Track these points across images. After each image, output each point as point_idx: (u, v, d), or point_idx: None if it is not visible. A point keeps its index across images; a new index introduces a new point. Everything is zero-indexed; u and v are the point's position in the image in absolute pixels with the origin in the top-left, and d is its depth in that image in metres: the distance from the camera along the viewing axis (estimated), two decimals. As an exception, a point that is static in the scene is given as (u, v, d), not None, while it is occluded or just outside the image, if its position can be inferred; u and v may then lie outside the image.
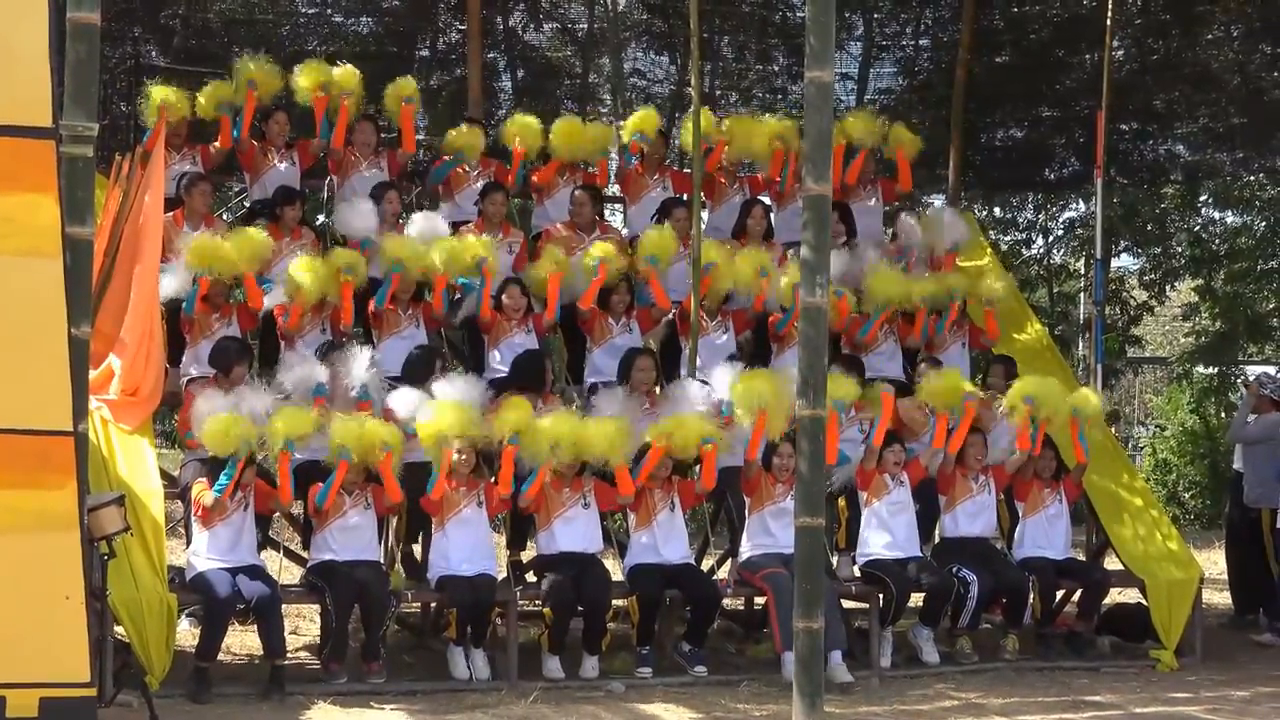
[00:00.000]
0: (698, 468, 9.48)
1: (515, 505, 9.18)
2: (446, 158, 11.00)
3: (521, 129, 11.04)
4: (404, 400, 9.06)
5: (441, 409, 8.86)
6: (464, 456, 8.89)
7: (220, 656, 8.75)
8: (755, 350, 10.68)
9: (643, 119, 11.31)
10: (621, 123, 11.44)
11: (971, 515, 9.98)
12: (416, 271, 9.88)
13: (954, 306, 10.77)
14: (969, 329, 11.04)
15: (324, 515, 8.83)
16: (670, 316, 10.55)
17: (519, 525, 9.65)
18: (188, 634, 9.27)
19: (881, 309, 10.55)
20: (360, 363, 9.17)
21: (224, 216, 10.87)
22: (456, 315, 10.26)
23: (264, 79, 10.67)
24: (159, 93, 10.46)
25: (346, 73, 10.83)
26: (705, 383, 9.66)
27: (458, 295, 10.12)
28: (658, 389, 10.01)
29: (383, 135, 11.08)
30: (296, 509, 9.55)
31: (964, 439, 9.82)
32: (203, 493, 8.57)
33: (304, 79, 10.74)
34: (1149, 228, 19.09)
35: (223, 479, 8.46)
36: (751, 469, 9.43)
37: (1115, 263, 19.35)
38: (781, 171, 11.28)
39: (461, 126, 11.15)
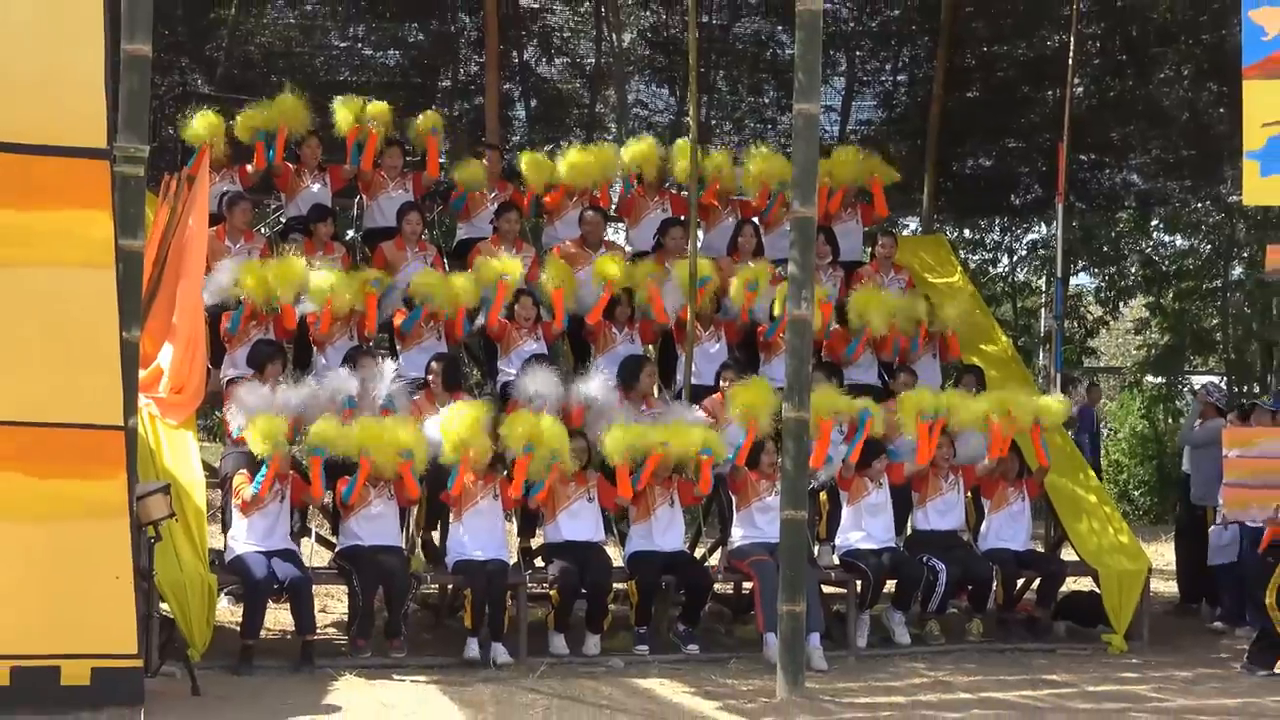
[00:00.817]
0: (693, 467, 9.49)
1: (526, 501, 9.19)
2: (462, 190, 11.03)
3: (533, 166, 11.04)
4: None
5: (458, 417, 8.86)
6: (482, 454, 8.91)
7: (255, 632, 8.79)
8: (745, 358, 10.69)
9: (641, 151, 11.32)
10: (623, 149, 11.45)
11: (941, 511, 9.98)
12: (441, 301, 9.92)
13: (922, 329, 10.79)
14: (939, 343, 11.06)
15: (350, 505, 8.84)
16: (668, 327, 10.57)
17: (529, 515, 9.65)
18: (226, 611, 9.29)
19: (862, 331, 10.52)
20: (387, 376, 9.21)
21: (262, 231, 10.85)
22: (472, 324, 10.28)
23: (294, 112, 10.68)
24: (201, 121, 10.45)
25: (378, 107, 10.85)
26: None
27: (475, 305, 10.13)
28: (655, 392, 10.05)
29: (408, 159, 11.09)
30: (327, 498, 9.54)
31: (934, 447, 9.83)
32: (243, 486, 8.62)
33: (340, 111, 10.77)
34: (1104, 249, 19.06)
35: (259, 477, 8.53)
36: (739, 473, 9.44)
37: (1074, 281, 19.32)
38: (768, 199, 11.32)
39: (469, 160, 11.14)
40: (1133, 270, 19.44)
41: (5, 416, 7.00)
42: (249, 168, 10.63)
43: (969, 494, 10.20)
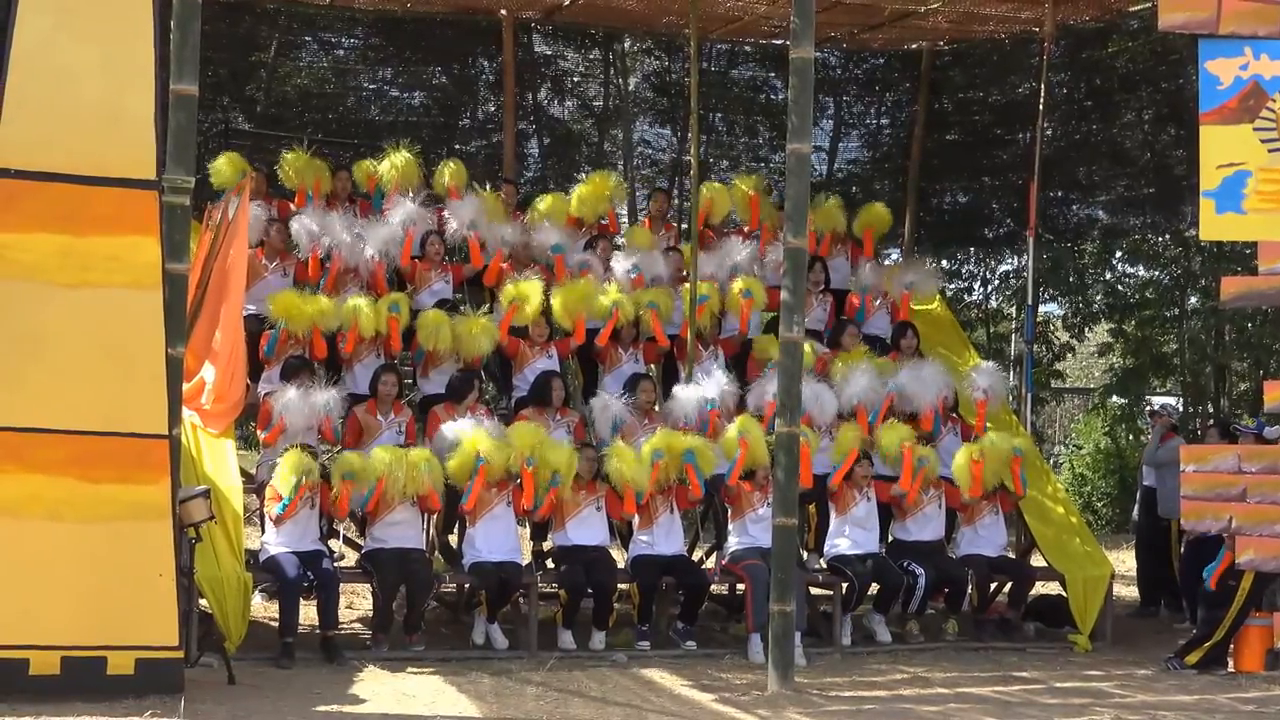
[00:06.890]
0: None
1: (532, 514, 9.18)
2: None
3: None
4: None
5: (472, 435, 8.87)
6: (496, 465, 8.91)
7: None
8: (740, 377, 10.69)
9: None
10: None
11: (922, 524, 9.97)
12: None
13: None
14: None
15: (375, 512, 8.84)
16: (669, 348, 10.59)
17: (540, 521, 9.64)
18: (260, 607, 9.28)
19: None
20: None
21: (296, 253, 10.83)
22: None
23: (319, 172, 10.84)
24: (228, 165, 10.52)
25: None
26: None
27: None
28: (656, 408, 10.05)
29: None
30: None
31: (919, 489, 9.79)
32: (273, 504, 8.63)
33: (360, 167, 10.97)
34: (1071, 279, 19.03)
35: (285, 501, 8.52)
36: (733, 490, 9.44)
37: (1043, 308, 19.25)
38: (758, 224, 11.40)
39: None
40: (1097, 299, 19.41)
41: (61, 426, 7.01)
42: (291, 205, 10.73)
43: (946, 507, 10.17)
